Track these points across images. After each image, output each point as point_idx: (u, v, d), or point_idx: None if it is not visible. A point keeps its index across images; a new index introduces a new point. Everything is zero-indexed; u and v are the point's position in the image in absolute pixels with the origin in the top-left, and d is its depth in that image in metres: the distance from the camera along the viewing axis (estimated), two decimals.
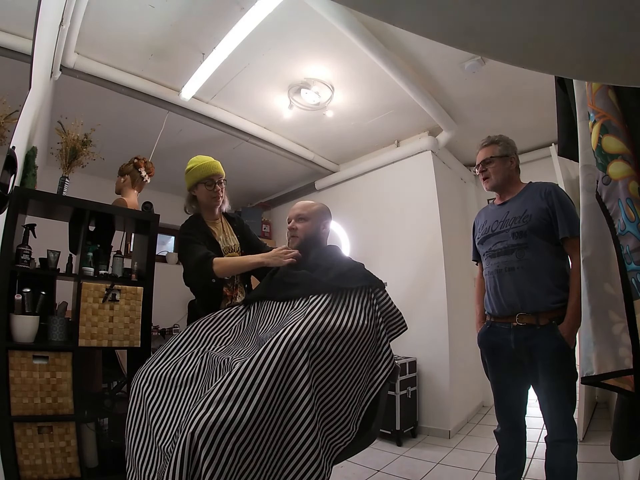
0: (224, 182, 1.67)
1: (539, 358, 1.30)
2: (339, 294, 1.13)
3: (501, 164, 1.51)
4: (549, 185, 1.44)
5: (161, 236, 4.33)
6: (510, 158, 1.52)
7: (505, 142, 1.54)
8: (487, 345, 1.48)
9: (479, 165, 1.56)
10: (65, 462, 1.44)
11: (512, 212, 1.45)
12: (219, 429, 0.77)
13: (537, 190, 1.44)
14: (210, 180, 1.62)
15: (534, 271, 1.34)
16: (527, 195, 1.45)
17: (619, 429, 0.86)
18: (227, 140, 3.16)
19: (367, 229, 3.44)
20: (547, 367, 1.29)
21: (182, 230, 1.60)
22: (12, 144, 1.27)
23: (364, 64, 2.27)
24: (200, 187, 1.62)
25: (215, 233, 1.64)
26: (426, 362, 2.86)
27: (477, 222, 1.65)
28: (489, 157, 1.52)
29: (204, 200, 1.64)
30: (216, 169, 1.64)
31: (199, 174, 1.61)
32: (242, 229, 1.78)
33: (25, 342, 1.44)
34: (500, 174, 1.51)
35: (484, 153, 1.55)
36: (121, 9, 1.89)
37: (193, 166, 1.64)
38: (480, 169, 1.55)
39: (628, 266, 0.70)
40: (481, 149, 1.57)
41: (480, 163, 1.55)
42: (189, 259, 1.46)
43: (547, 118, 1.86)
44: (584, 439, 2.12)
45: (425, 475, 2.00)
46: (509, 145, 1.54)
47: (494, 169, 1.51)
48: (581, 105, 0.88)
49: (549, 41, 0.49)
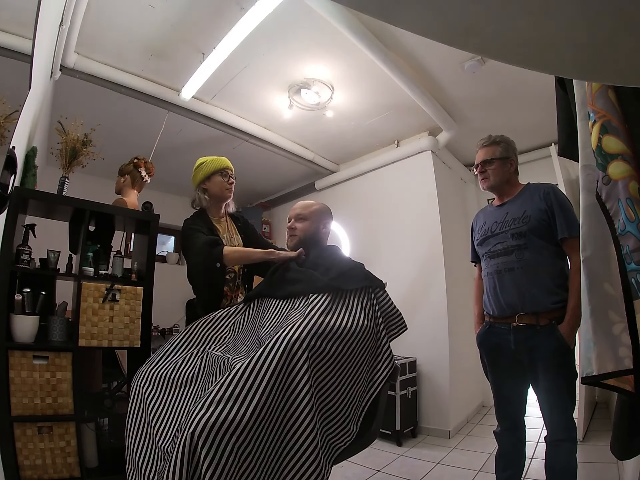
0: (234, 180, 1.71)
1: (539, 358, 1.30)
2: (339, 294, 1.13)
3: (501, 166, 1.50)
4: (548, 186, 1.44)
5: (161, 236, 4.33)
6: (510, 160, 1.51)
7: (506, 143, 1.52)
8: (487, 345, 1.47)
9: (479, 165, 1.54)
10: (65, 462, 1.44)
11: (511, 213, 1.44)
12: (219, 429, 0.77)
13: (535, 191, 1.43)
14: (226, 171, 1.66)
15: (533, 271, 1.34)
16: (526, 197, 1.45)
17: (619, 429, 0.86)
18: (227, 140, 3.16)
19: (367, 228, 3.44)
20: (547, 367, 1.28)
21: (187, 222, 1.59)
22: (12, 144, 1.27)
23: (364, 64, 2.27)
24: (214, 178, 1.64)
25: (219, 231, 1.63)
26: (426, 362, 2.86)
27: (475, 223, 1.64)
28: (489, 158, 1.50)
29: (217, 192, 1.64)
30: (229, 163, 1.71)
31: (214, 165, 1.65)
32: (246, 229, 1.78)
33: (25, 342, 1.44)
34: (499, 175, 1.50)
35: (484, 153, 1.53)
36: (121, 9, 1.89)
37: (206, 160, 1.67)
38: (480, 169, 1.53)
39: (628, 266, 0.70)
40: (481, 148, 1.54)
41: (480, 163, 1.53)
42: (197, 242, 1.44)
43: (547, 118, 1.86)
44: (584, 439, 2.12)
45: (425, 475, 2.00)
46: (510, 147, 1.53)
47: (493, 171, 1.50)
48: (581, 105, 0.88)
49: (549, 41, 0.49)
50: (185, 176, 4.31)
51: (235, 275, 1.61)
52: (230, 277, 1.59)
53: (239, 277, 1.64)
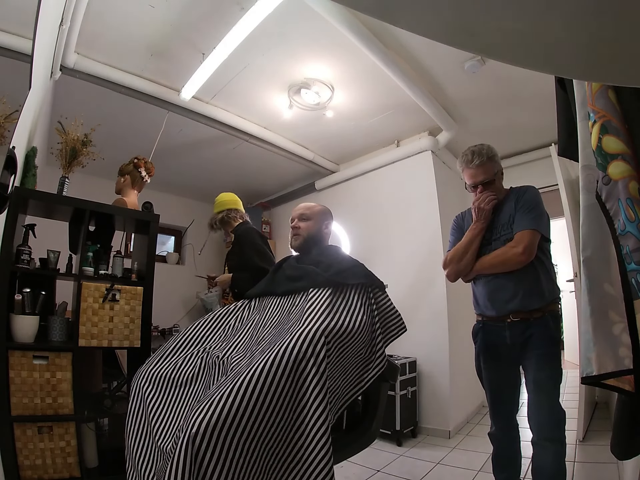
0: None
1: (531, 347, 1.30)
2: (339, 290, 1.13)
3: (499, 180, 1.45)
4: (524, 188, 1.43)
5: (161, 236, 4.33)
6: (501, 169, 1.47)
7: (494, 154, 1.43)
8: (482, 343, 1.46)
9: (478, 187, 1.43)
10: (65, 462, 1.44)
11: (500, 218, 1.43)
12: (222, 428, 0.77)
13: (515, 195, 1.42)
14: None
15: (528, 273, 1.32)
16: (509, 200, 1.43)
17: (619, 429, 0.86)
18: (227, 140, 3.16)
19: (367, 229, 3.44)
20: (538, 357, 1.28)
21: (257, 233, 2.22)
22: (12, 144, 1.27)
23: (364, 64, 2.27)
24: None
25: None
26: (426, 362, 2.86)
27: (466, 223, 1.55)
28: (490, 179, 1.41)
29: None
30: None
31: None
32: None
33: (25, 342, 1.44)
34: (499, 191, 1.44)
35: (482, 173, 1.41)
36: (121, 9, 1.88)
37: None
38: (480, 191, 1.42)
39: (628, 266, 0.70)
40: (476, 168, 1.41)
41: (480, 184, 1.42)
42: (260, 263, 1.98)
43: (547, 118, 1.86)
44: (584, 439, 2.12)
45: (425, 475, 2.00)
46: (497, 156, 1.44)
47: (494, 189, 1.42)
48: (581, 105, 0.88)
49: (548, 41, 0.49)
50: (186, 176, 4.31)
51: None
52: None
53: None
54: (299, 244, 1.41)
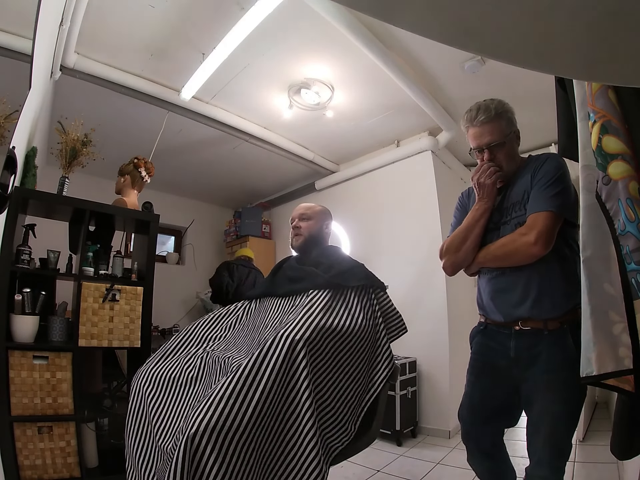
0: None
1: (543, 368, 1.00)
2: (339, 292, 1.13)
3: (512, 147, 1.12)
4: (544, 156, 1.11)
5: (161, 236, 4.33)
6: (517, 133, 1.14)
7: (506, 110, 1.12)
8: (479, 349, 1.16)
9: (484, 151, 1.10)
10: (65, 462, 1.44)
11: (511, 196, 1.11)
12: (222, 428, 0.78)
13: (533, 165, 1.10)
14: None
15: (543, 270, 1.03)
16: (526, 172, 1.11)
17: (619, 429, 0.86)
18: (227, 140, 3.16)
19: (367, 229, 3.44)
20: (550, 381, 0.99)
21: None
22: (12, 144, 1.27)
23: (364, 64, 2.27)
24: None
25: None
26: (426, 362, 2.86)
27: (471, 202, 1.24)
28: (498, 139, 1.09)
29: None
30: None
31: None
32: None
33: (25, 342, 1.44)
34: (513, 159, 1.12)
35: (489, 132, 1.09)
36: (121, 9, 1.88)
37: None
38: (487, 157, 1.10)
39: (628, 266, 0.70)
40: (480, 125, 1.10)
41: (485, 147, 1.10)
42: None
43: (547, 118, 1.86)
44: (584, 439, 2.12)
45: (425, 475, 2.00)
46: (511, 113, 1.13)
47: (505, 155, 1.10)
48: (581, 105, 0.88)
49: (548, 41, 0.49)
50: (185, 176, 4.31)
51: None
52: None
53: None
54: (300, 243, 1.42)
